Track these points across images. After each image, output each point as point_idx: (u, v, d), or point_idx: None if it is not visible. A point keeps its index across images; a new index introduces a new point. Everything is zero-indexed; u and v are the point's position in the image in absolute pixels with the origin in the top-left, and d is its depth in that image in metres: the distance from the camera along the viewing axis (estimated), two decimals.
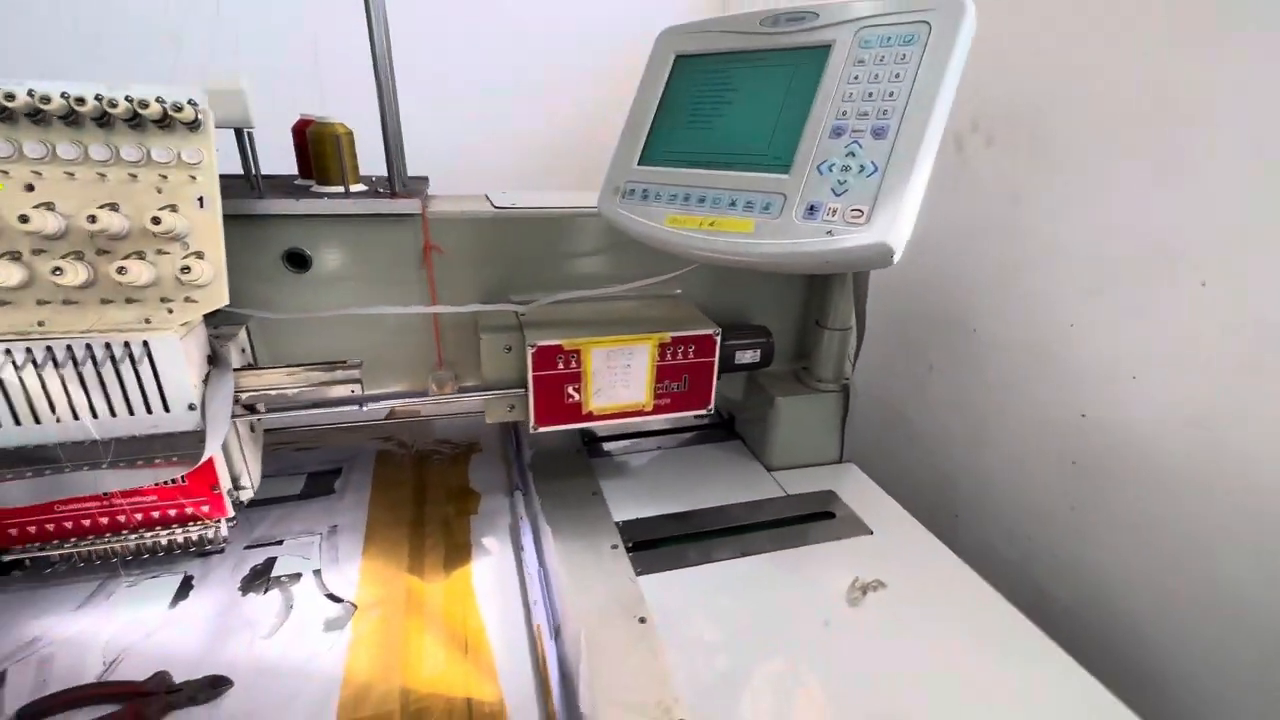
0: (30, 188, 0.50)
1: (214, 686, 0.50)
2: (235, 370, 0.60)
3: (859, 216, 0.44)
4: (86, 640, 0.55)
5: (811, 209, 0.47)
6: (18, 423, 0.53)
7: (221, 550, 0.66)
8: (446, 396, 0.73)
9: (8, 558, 0.57)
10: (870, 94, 0.46)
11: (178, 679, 0.51)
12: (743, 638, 0.58)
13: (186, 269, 0.51)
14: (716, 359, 0.71)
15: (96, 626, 0.56)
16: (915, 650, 0.57)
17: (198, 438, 0.57)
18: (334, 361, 0.64)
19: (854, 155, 0.46)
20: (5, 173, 0.49)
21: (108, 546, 0.60)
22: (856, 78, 0.47)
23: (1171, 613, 0.70)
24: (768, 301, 0.87)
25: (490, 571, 0.65)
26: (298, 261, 0.68)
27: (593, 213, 0.75)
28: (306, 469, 0.80)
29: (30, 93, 0.48)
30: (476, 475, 0.81)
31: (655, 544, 0.70)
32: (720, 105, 0.55)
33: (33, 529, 0.57)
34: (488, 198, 0.79)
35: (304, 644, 0.55)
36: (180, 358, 0.55)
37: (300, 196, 0.67)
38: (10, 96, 0.48)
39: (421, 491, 0.77)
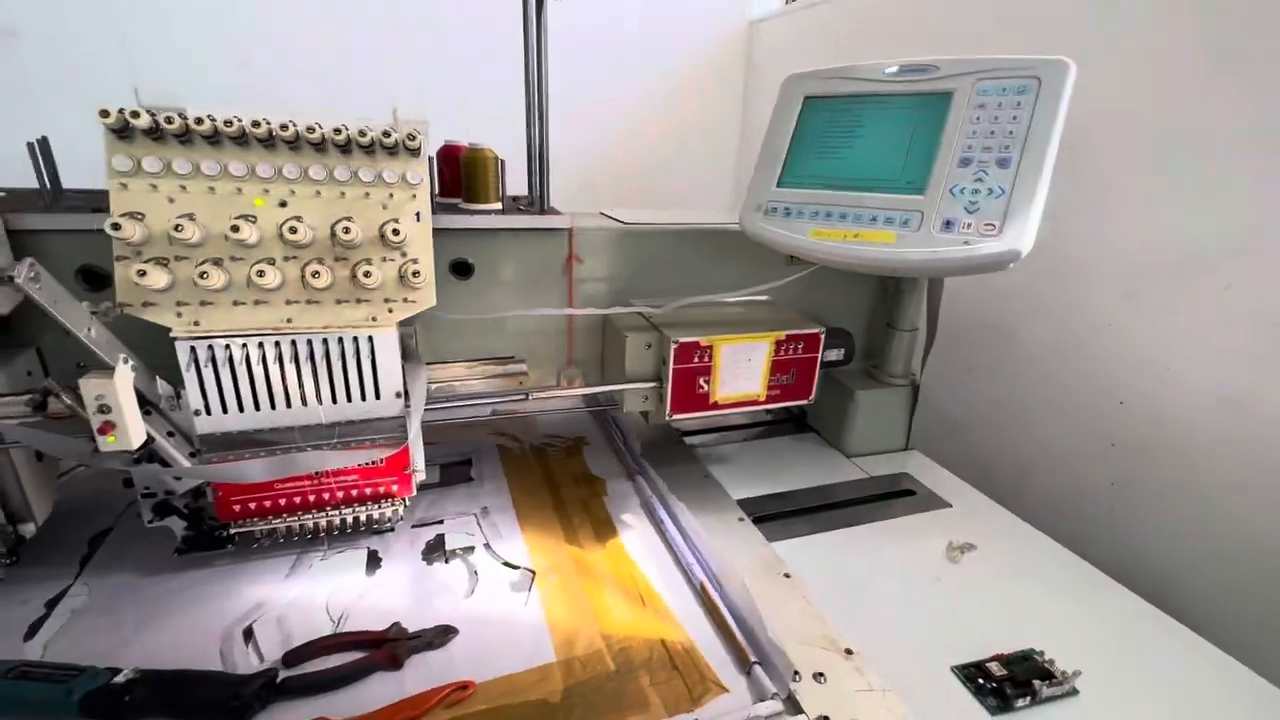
0: (284, 203, 0.58)
1: (445, 634, 0.58)
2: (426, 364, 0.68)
3: (991, 229, 0.56)
4: (309, 602, 0.62)
5: (948, 224, 0.58)
6: (258, 408, 0.60)
7: (393, 529, 0.73)
8: (563, 391, 0.82)
9: (232, 530, 0.64)
10: (992, 132, 0.58)
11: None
12: (869, 589, 0.67)
13: (417, 273, 0.60)
14: (820, 355, 0.81)
15: (311, 591, 0.63)
16: (1013, 595, 0.67)
17: (400, 422, 0.65)
18: (502, 357, 0.73)
19: (982, 180, 0.57)
20: (266, 190, 0.57)
21: (305, 522, 0.67)
22: (979, 119, 0.59)
23: (1201, 566, 0.82)
24: (842, 307, 0.98)
25: (638, 541, 0.74)
26: (462, 270, 0.77)
27: (701, 228, 0.86)
28: (438, 461, 0.88)
29: (287, 125, 0.57)
30: (594, 464, 0.90)
31: (772, 518, 0.79)
32: (850, 139, 0.66)
33: (253, 505, 0.64)
34: (604, 214, 0.89)
35: (502, 602, 0.63)
36: (395, 351, 0.63)
37: (456, 213, 0.76)
38: (285, 127, 0.56)
39: (550, 478, 0.86)
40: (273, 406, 0.60)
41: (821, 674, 0.54)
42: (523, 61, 0.78)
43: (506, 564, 0.69)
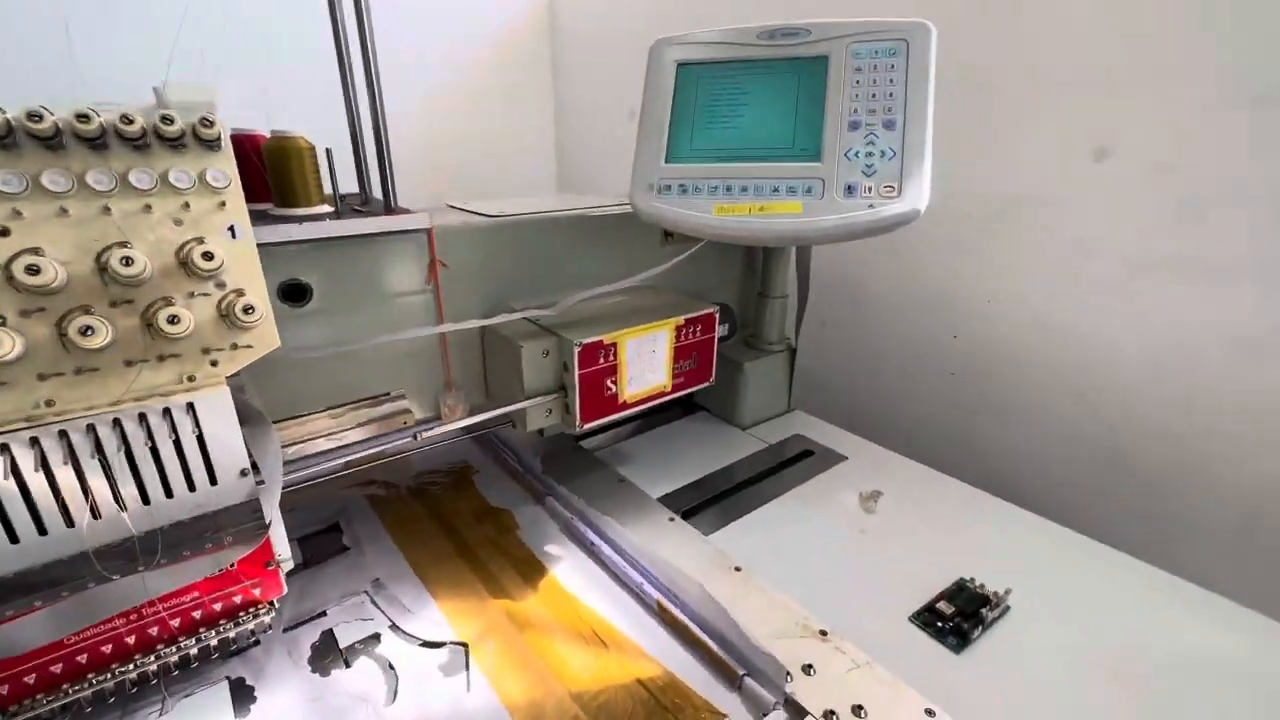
0: (5, 231, 0.38)
1: None
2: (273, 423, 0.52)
3: (892, 191, 0.56)
4: None
5: (849, 189, 0.58)
6: (15, 541, 0.40)
7: (257, 643, 0.56)
8: (456, 424, 0.70)
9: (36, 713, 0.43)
10: (874, 95, 0.59)
11: None
12: (808, 559, 0.67)
13: (250, 308, 0.44)
14: (716, 335, 0.79)
15: None
16: (927, 531, 0.72)
17: (252, 507, 0.49)
18: (375, 396, 0.58)
19: (874, 143, 0.58)
20: None
21: (123, 677, 0.48)
22: (859, 82, 0.59)
23: (1031, 454, 0.97)
24: (713, 282, 0.97)
25: (572, 572, 0.65)
26: (295, 294, 0.60)
27: (575, 214, 0.78)
28: (295, 535, 0.70)
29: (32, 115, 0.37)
30: (491, 494, 0.79)
31: (698, 509, 0.76)
32: (736, 107, 0.63)
33: (31, 679, 0.43)
34: (453, 207, 0.76)
35: (436, 694, 0.52)
36: (231, 416, 0.46)
37: (270, 222, 0.59)
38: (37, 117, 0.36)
39: (444, 521, 0.73)
40: (42, 533, 0.41)
41: (810, 665, 0.52)
42: (333, 30, 0.62)
43: (426, 644, 0.56)
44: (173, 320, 0.41)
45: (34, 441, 0.40)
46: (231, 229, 0.46)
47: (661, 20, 1.46)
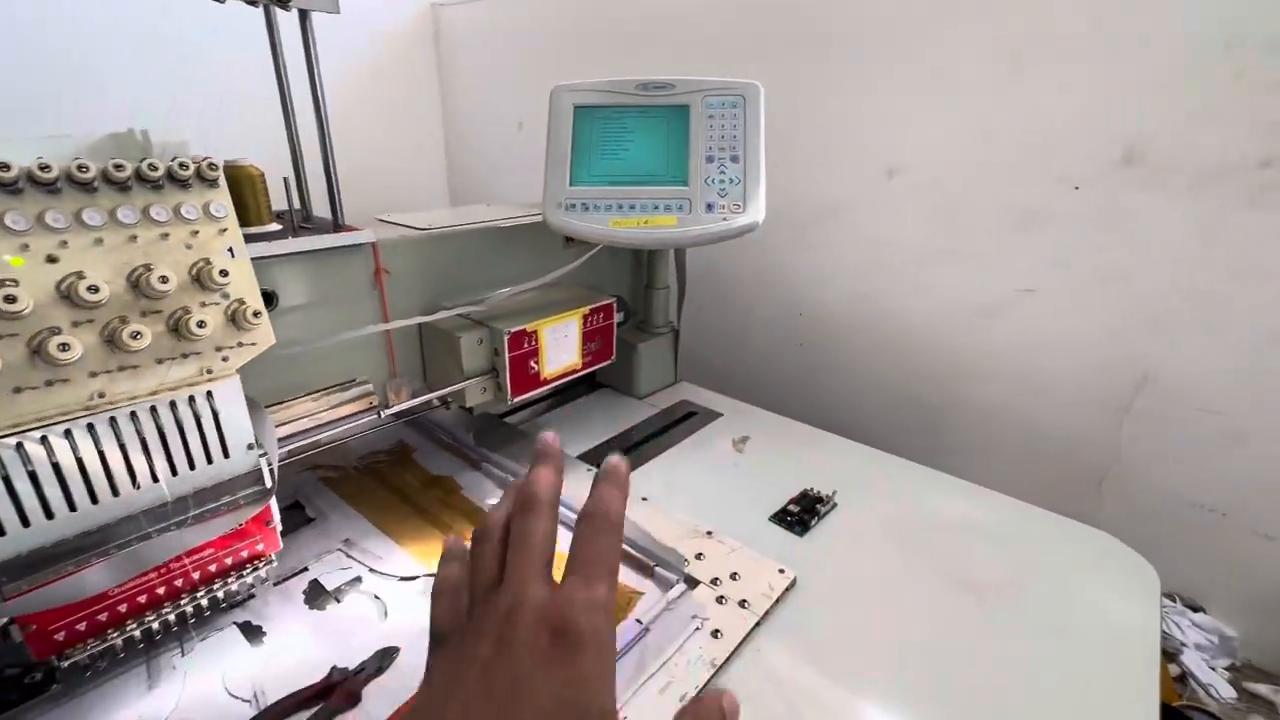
0: (54, 259, 0.48)
1: (387, 655, 0.59)
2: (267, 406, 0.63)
3: (739, 208, 0.77)
4: (204, 698, 0.55)
5: (709, 206, 0.78)
6: (74, 509, 0.49)
7: (252, 596, 0.66)
8: (414, 400, 0.83)
9: (57, 665, 0.52)
10: (722, 135, 0.79)
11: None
12: (698, 491, 0.88)
13: (258, 313, 0.56)
14: (615, 321, 0.97)
15: (198, 687, 0.56)
16: (782, 461, 0.96)
17: (256, 476, 0.60)
18: (344, 382, 0.70)
19: (724, 172, 0.79)
20: (25, 246, 0.46)
21: (150, 624, 0.57)
22: (711, 126, 0.80)
23: (853, 397, 1.25)
24: (609, 277, 1.15)
25: None
26: (265, 301, 0.69)
27: (494, 225, 0.93)
28: None
29: (48, 166, 0.47)
30: (431, 466, 0.92)
31: None
32: (623, 142, 0.81)
33: (83, 626, 0.52)
34: (383, 220, 0.88)
35: (421, 612, 0.65)
36: (241, 401, 0.57)
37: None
38: (45, 168, 0.46)
39: (397, 491, 0.85)
40: (94, 502, 0.50)
41: (700, 554, 0.73)
42: (272, 62, 0.72)
43: (404, 579, 0.70)
44: (201, 325, 0.52)
45: (90, 428, 0.49)
46: (230, 250, 0.57)
47: (537, 36, 1.61)
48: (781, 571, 0.70)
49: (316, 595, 0.67)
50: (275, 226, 0.74)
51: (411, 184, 1.93)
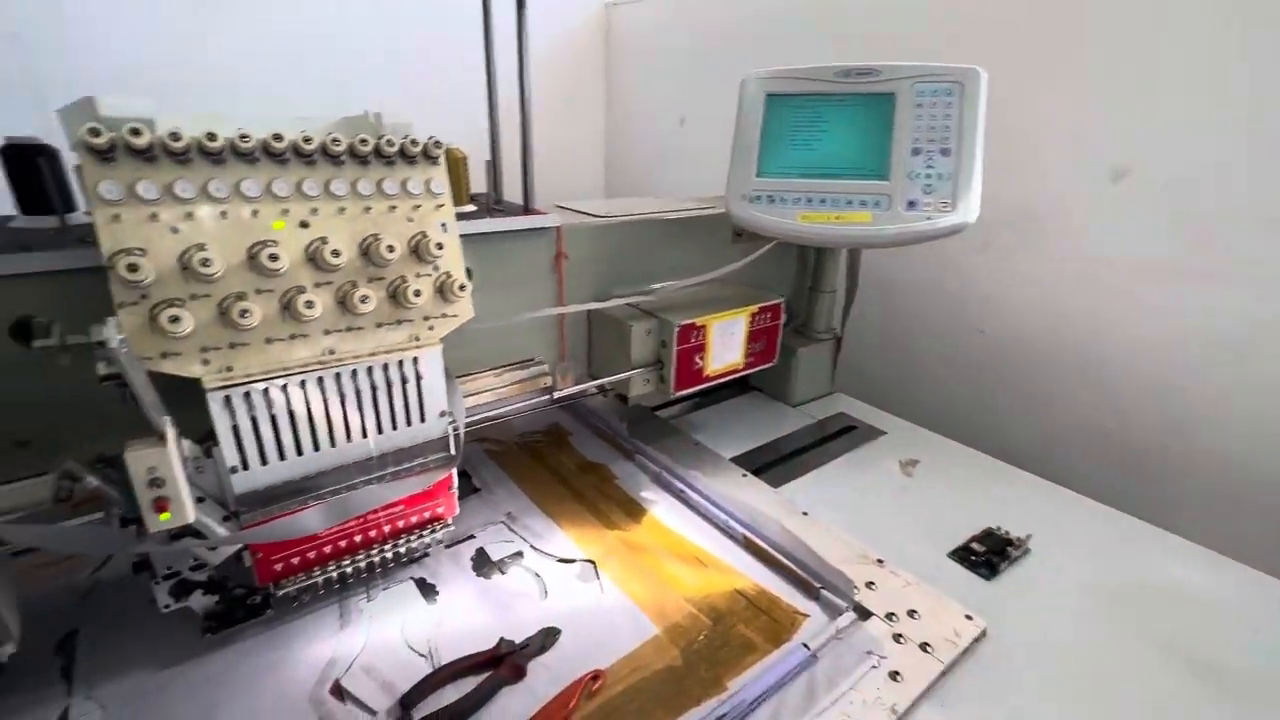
0: (305, 224, 0.52)
1: (550, 635, 0.59)
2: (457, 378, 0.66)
3: (947, 206, 0.70)
4: (385, 644, 0.58)
5: (911, 203, 0.71)
6: (300, 453, 0.54)
7: (426, 555, 0.70)
8: (580, 386, 0.83)
9: (273, 593, 0.57)
10: (932, 126, 0.72)
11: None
12: (862, 511, 0.81)
13: (463, 286, 0.58)
14: (782, 322, 0.93)
15: (381, 633, 0.60)
16: (958, 491, 0.85)
17: (445, 442, 0.63)
18: (522, 361, 0.72)
19: (932, 166, 0.71)
20: (285, 211, 0.51)
21: (345, 568, 0.62)
22: (920, 116, 0.72)
23: (1045, 430, 1.10)
24: (773, 277, 1.10)
25: (668, 512, 0.79)
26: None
27: (668, 216, 0.91)
28: None
29: (310, 139, 0.51)
30: (586, 451, 0.93)
31: (763, 469, 0.90)
32: (816, 133, 0.76)
33: (297, 560, 0.58)
34: (560, 206, 0.90)
35: (579, 594, 0.65)
36: (440, 370, 0.60)
37: None
38: (307, 140, 0.50)
39: (555, 472, 0.87)
40: (315, 449, 0.55)
41: (871, 582, 0.66)
42: (484, 50, 0.76)
43: (562, 560, 0.70)
44: (417, 294, 0.55)
45: (319, 381, 0.54)
46: (444, 225, 0.60)
47: (714, 36, 1.59)
48: (969, 618, 0.62)
49: (483, 564, 0.70)
50: (472, 207, 0.78)
51: (570, 177, 2.00)
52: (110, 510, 0.46)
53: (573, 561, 0.70)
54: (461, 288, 0.58)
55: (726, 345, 0.86)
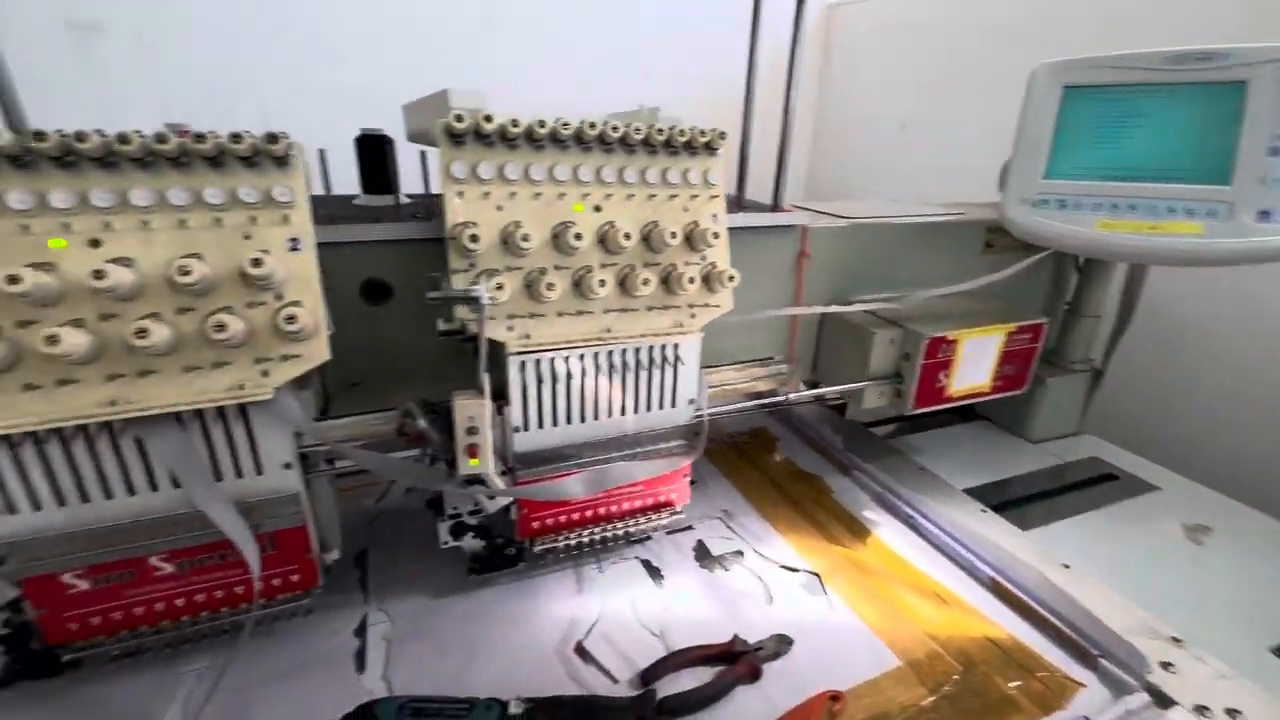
0: (599, 208, 0.55)
1: (784, 643, 0.57)
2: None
3: None
4: (619, 616, 0.60)
5: (1265, 214, 0.58)
6: (570, 422, 0.58)
7: (649, 538, 0.72)
8: (812, 392, 0.80)
9: (529, 548, 0.62)
10: None
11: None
12: (1138, 575, 0.68)
13: (732, 277, 0.58)
14: (1040, 345, 0.82)
15: (614, 605, 0.62)
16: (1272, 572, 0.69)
17: (690, 429, 0.64)
18: (764, 358, 0.71)
19: None
20: (585, 195, 0.55)
21: (582, 538, 0.65)
22: None
23: None
24: (1024, 293, 0.98)
25: (895, 537, 0.73)
26: None
27: (921, 221, 0.85)
28: None
29: (618, 127, 0.54)
30: (799, 459, 0.89)
31: (1001, 507, 0.80)
32: (1127, 128, 0.66)
33: (551, 521, 0.62)
34: (797, 206, 0.88)
35: (806, 606, 0.63)
36: (697, 358, 0.61)
37: None
38: (615, 129, 0.53)
39: (768, 477, 0.85)
40: (582, 420, 0.58)
41: (1169, 664, 0.55)
42: (747, 50, 0.76)
43: (785, 568, 0.68)
44: (691, 280, 0.56)
45: (595, 356, 0.57)
46: (714, 215, 0.60)
47: (953, 34, 1.47)
48: None
49: (704, 556, 0.69)
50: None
51: (768, 183, 1.97)
52: (427, 449, 0.52)
53: (796, 571, 0.67)
54: (731, 278, 0.58)
55: (975, 365, 0.78)
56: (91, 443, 0.44)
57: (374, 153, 0.67)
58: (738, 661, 0.54)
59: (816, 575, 0.67)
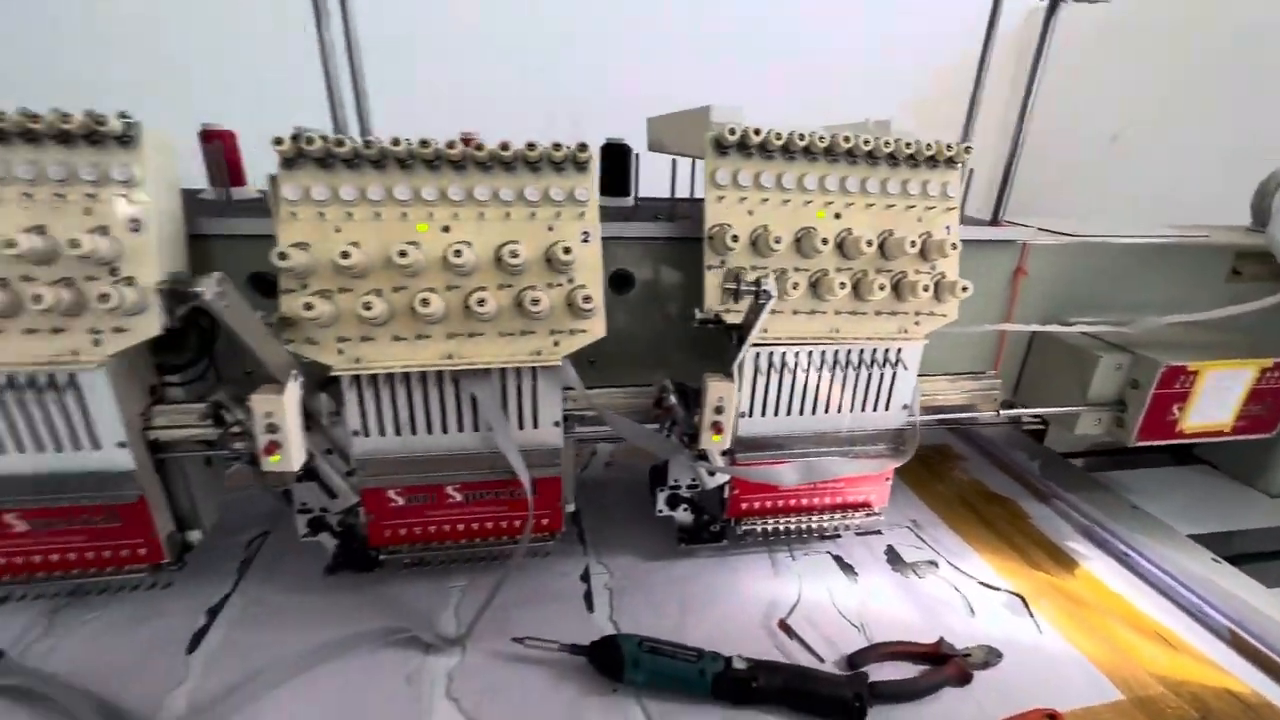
0: (839, 215, 0.59)
1: (993, 655, 0.57)
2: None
3: None
4: (818, 603, 0.64)
5: None
6: (788, 413, 0.62)
7: (839, 536, 0.74)
8: (1014, 411, 0.78)
9: (739, 528, 0.67)
10: None
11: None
12: None
13: (965, 288, 0.59)
14: None
15: (812, 591, 0.65)
16: None
17: (899, 434, 0.66)
18: (976, 372, 0.71)
19: None
20: (830, 203, 0.59)
21: (777, 525, 0.69)
22: None
23: None
24: (1269, 329, 0.88)
25: (1108, 574, 0.70)
26: None
27: (1153, 242, 0.79)
28: None
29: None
30: (988, 480, 0.87)
31: (1236, 560, 0.72)
32: None
33: (757, 504, 0.66)
34: (1009, 222, 0.85)
35: (1011, 626, 0.62)
36: (917, 364, 0.63)
37: None
38: (868, 141, 0.57)
39: (956, 492, 0.84)
40: (801, 413, 0.62)
41: None
42: (977, 61, 0.76)
43: (985, 585, 0.67)
44: (925, 289, 0.58)
45: (822, 354, 0.60)
46: (948, 228, 0.62)
47: (1199, 41, 1.33)
48: None
49: (895, 560, 0.71)
50: None
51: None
52: (670, 424, 0.59)
53: (997, 589, 0.67)
54: (964, 289, 0.59)
55: (1217, 401, 0.72)
56: (427, 387, 0.55)
57: (617, 160, 0.75)
58: (946, 663, 0.55)
59: (1020, 597, 0.65)
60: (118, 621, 0.58)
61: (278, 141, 0.48)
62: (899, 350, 0.62)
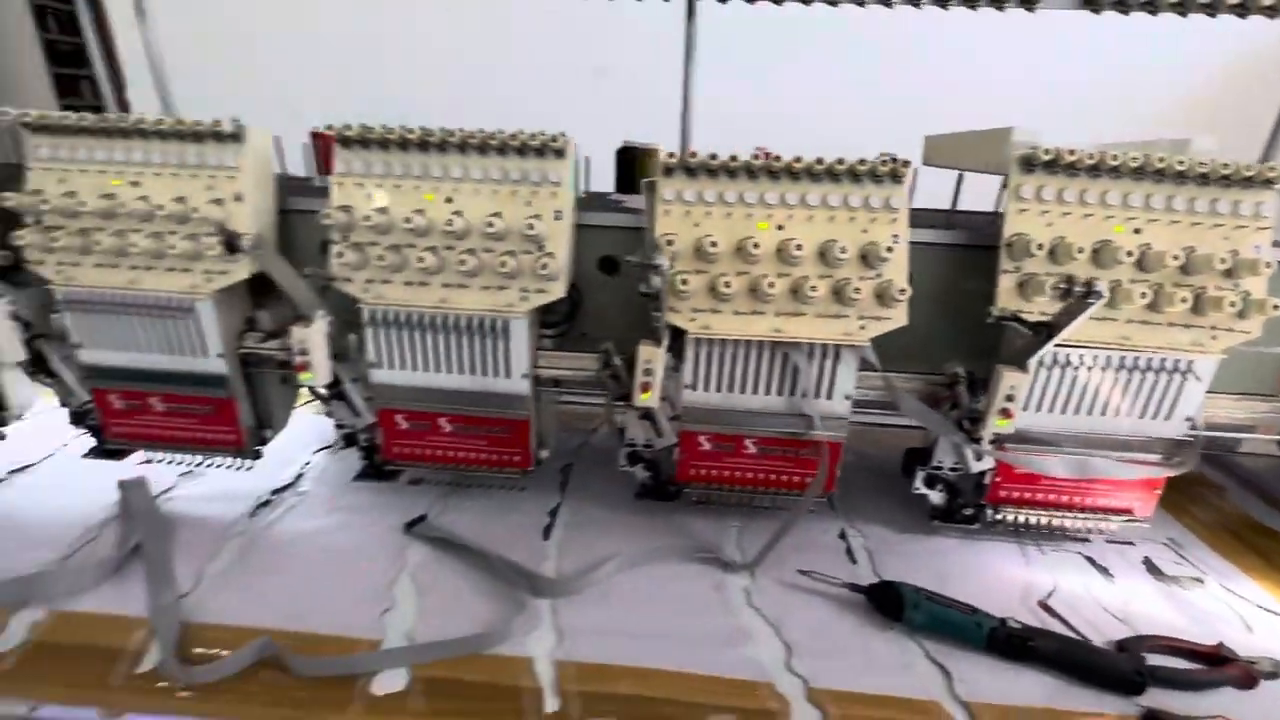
0: (1138, 230, 0.63)
1: (1278, 665, 0.58)
2: None
3: None
4: (1079, 593, 0.67)
5: None
6: (1062, 411, 0.67)
7: (1088, 539, 0.76)
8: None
9: (998, 516, 0.73)
10: None
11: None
12: None
13: (1277, 306, 0.60)
14: None
15: (1066, 584, 0.69)
16: None
17: (1173, 445, 0.67)
18: (1265, 394, 0.70)
19: None
20: (1132, 218, 0.63)
21: (1027, 517, 0.73)
22: None
23: None
24: None
25: None
26: None
27: None
28: None
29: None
30: (1249, 509, 0.84)
31: None
32: None
33: (1017, 494, 0.71)
34: None
35: None
36: (1208, 379, 0.65)
37: None
38: (1181, 162, 0.60)
39: (1215, 517, 0.82)
40: (1076, 413, 0.67)
41: None
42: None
43: (1264, 609, 0.67)
44: (1232, 304, 0.60)
45: (1108, 359, 0.64)
46: (1257, 247, 0.63)
47: None
48: None
49: (1154, 571, 0.72)
50: None
51: None
52: (951, 406, 0.66)
53: (1275, 614, 0.66)
54: (1276, 307, 0.60)
55: None
56: (749, 353, 0.67)
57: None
58: (1227, 664, 0.57)
59: None
60: (490, 509, 0.77)
61: (670, 155, 0.64)
62: (1190, 361, 0.64)
